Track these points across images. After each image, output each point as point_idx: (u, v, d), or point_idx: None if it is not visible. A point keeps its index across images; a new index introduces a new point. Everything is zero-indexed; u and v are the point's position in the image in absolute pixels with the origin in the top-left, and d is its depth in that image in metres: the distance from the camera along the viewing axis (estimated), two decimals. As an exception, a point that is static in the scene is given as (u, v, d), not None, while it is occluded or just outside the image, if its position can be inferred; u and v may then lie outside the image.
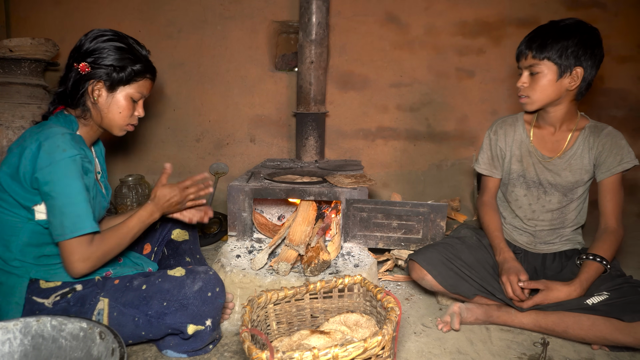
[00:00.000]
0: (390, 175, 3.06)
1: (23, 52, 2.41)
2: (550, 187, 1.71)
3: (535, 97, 1.61)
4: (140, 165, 3.03)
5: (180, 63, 2.94)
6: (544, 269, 1.74)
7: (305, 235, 1.78)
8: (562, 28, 1.55)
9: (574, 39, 1.53)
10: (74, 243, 1.21)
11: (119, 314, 1.27)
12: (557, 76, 1.56)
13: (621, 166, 1.59)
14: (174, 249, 1.69)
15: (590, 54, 1.54)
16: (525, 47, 1.60)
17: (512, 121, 1.79)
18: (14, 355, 1.06)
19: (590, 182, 1.70)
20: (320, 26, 2.58)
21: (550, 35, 1.55)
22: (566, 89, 1.58)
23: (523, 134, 1.76)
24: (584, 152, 1.65)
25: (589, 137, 1.65)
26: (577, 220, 1.74)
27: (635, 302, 1.41)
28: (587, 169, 1.66)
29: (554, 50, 1.53)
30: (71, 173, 1.20)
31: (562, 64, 1.54)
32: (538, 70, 1.57)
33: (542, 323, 1.55)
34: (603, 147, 1.62)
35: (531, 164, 1.73)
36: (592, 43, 1.54)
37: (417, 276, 1.69)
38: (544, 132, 1.72)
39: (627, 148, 1.61)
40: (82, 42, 1.35)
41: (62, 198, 1.20)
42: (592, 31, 1.56)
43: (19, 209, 1.25)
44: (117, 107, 1.38)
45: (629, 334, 1.38)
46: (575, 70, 1.54)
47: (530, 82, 1.61)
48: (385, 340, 1.03)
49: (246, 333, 1.06)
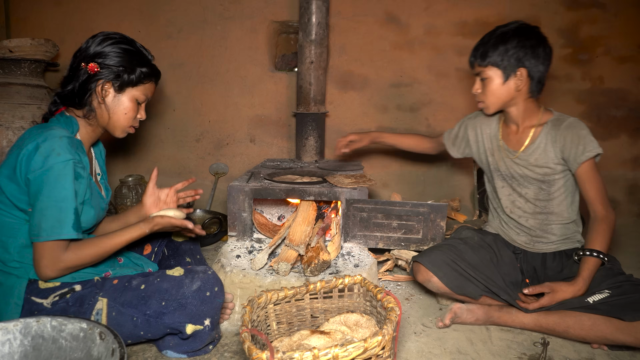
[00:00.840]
0: (390, 175, 3.06)
1: (23, 52, 2.41)
2: (522, 179, 1.76)
3: (489, 102, 1.71)
4: (140, 166, 3.03)
5: (180, 63, 2.94)
6: (544, 269, 1.74)
7: (305, 236, 1.78)
8: (501, 34, 1.63)
9: (513, 42, 1.60)
10: (47, 246, 1.20)
11: (117, 314, 1.27)
12: (503, 79, 1.65)
13: (585, 155, 1.60)
14: (174, 249, 1.69)
15: (531, 54, 1.60)
16: (472, 56, 1.71)
17: (490, 116, 1.87)
18: (14, 356, 1.05)
19: (570, 175, 1.70)
20: (320, 26, 2.57)
21: (491, 43, 1.64)
22: (515, 89, 1.66)
23: (495, 129, 1.84)
24: (548, 146, 1.68)
25: (551, 131, 1.68)
26: (567, 215, 1.73)
27: (636, 302, 1.41)
28: (555, 161, 1.68)
29: (495, 56, 1.63)
30: (62, 177, 1.20)
31: (505, 67, 1.63)
32: (486, 76, 1.67)
33: (542, 323, 1.55)
34: (565, 140, 1.64)
35: (501, 158, 1.80)
36: (532, 43, 1.61)
37: (423, 278, 1.69)
38: (510, 130, 1.80)
39: (588, 137, 1.62)
40: (90, 44, 1.36)
41: (47, 200, 1.19)
42: (531, 31, 1.63)
43: (16, 211, 1.26)
44: (123, 108, 1.40)
45: (629, 333, 1.38)
46: (519, 71, 1.62)
47: (482, 88, 1.71)
48: (385, 340, 1.03)
49: (246, 333, 1.06)
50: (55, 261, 1.21)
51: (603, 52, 2.91)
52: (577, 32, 2.89)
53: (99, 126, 1.42)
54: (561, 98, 2.95)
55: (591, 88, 2.96)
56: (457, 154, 2.03)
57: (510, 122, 1.78)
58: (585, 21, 2.88)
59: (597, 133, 2.89)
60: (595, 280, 1.55)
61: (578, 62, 2.93)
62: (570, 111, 2.94)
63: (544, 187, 1.72)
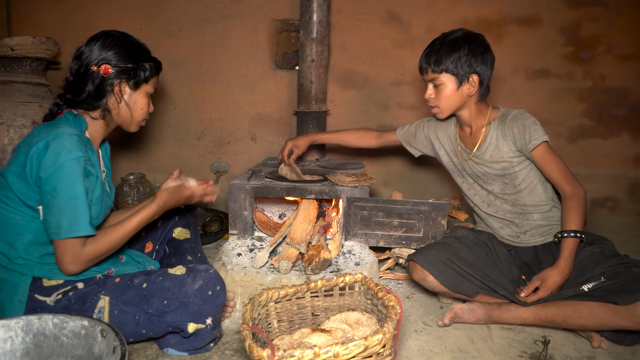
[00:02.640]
0: (391, 173, 3.06)
1: (24, 50, 2.41)
2: (485, 177, 1.80)
3: (443, 107, 1.75)
4: (141, 164, 3.03)
5: (181, 61, 2.94)
6: (538, 263, 1.75)
7: (306, 234, 1.78)
8: (452, 41, 1.67)
9: (464, 49, 1.65)
10: (67, 243, 1.22)
11: (119, 312, 1.28)
12: (457, 85, 1.69)
13: (532, 144, 1.64)
14: (175, 247, 1.70)
15: (481, 60, 1.67)
16: (424, 63, 1.74)
17: (448, 120, 1.91)
18: (16, 353, 1.06)
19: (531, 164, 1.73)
20: (321, 24, 2.57)
21: (444, 49, 1.67)
22: (467, 95, 1.71)
23: (454, 133, 1.89)
24: (499, 141, 1.72)
25: (499, 126, 1.73)
26: (543, 202, 1.74)
27: (629, 284, 1.41)
28: (510, 154, 1.71)
29: (449, 62, 1.66)
30: (74, 174, 1.22)
31: (458, 73, 1.67)
32: (439, 83, 1.71)
33: (542, 316, 1.55)
34: (512, 132, 1.68)
35: (463, 159, 1.85)
36: (480, 50, 1.67)
37: (418, 277, 1.70)
38: (464, 132, 1.85)
39: (533, 126, 1.65)
40: (93, 46, 1.36)
41: (63, 198, 1.21)
42: (478, 38, 1.69)
43: (24, 208, 1.26)
44: (140, 104, 1.46)
45: (627, 317, 1.38)
46: (471, 77, 1.68)
47: (436, 94, 1.74)
48: (386, 339, 1.04)
49: (247, 331, 1.06)
50: (77, 256, 1.24)
51: (605, 50, 2.91)
52: (578, 30, 2.88)
53: (112, 124, 1.46)
54: (563, 96, 2.94)
55: (593, 86, 2.95)
56: (415, 153, 2.10)
57: (463, 124, 1.83)
58: (587, 19, 2.87)
59: (599, 131, 2.93)
60: (588, 267, 1.56)
61: (579, 60, 2.92)
62: (571, 110, 2.96)
63: (507, 181, 1.76)
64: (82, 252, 1.25)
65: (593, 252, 1.60)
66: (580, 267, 1.58)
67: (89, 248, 1.26)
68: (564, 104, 2.93)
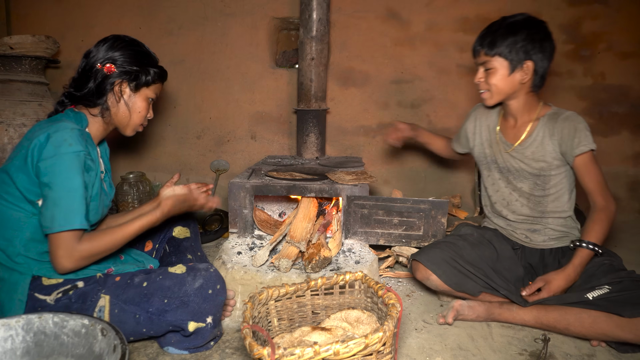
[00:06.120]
0: (391, 171, 3.06)
1: (24, 49, 2.41)
2: (517, 173, 1.75)
3: (492, 92, 1.68)
4: (141, 163, 3.03)
5: (181, 60, 2.93)
6: (543, 266, 1.74)
7: (306, 232, 1.78)
8: (510, 24, 1.61)
9: (522, 34, 1.58)
10: (61, 237, 1.21)
11: (120, 311, 1.28)
12: (509, 71, 1.62)
13: (579, 149, 1.60)
14: (175, 246, 1.70)
15: (539, 48, 1.59)
16: (478, 45, 1.67)
17: (492, 109, 1.86)
18: (16, 352, 1.06)
19: (568, 170, 1.70)
20: (321, 23, 2.57)
21: (500, 32, 1.61)
22: (519, 82, 1.64)
23: (495, 121, 1.84)
24: (545, 139, 1.68)
25: (548, 124, 1.68)
26: (563, 210, 1.72)
27: (636, 297, 1.41)
28: (553, 155, 1.67)
29: (503, 47, 1.60)
30: (73, 167, 1.22)
31: (512, 59, 1.60)
32: (491, 67, 1.64)
33: (543, 320, 1.55)
34: (562, 133, 1.64)
35: (498, 151, 1.80)
36: (540, 37, 1.60)
37: (421, 276, 1.70)
38: (508, 123, 1.79)
39: (584, 132, 1.61)
40: (101, 47, 1.40)
41: (59, 190, 1.21)
42: (540, 25, 1.62)
43: (24, 203, 1.26)
44: (138, 107, 1.46)
45: (629, 330, 1.38)
46: (525, 64, 1.60)
47: (486, 78, 1.68)
48: (386, 337, 1.04)
49: (247, 329, 1.06)
50: (71, 251, 1.22)
51: (605, 48, 2.90)
52: (578, 28, 2.88)
53: (111, 124, 1.46)
54: (563, 94, 2.94)
55: (593, 84, 2.95)
56: (459, 149, 2.04)
57: (508, 115, 1.77)
58: (587, 17, 2.87)
59: (599, 129, 2.93)
60: (595, 276, 1.55)
61: (580, 58, 2.92)
62: (571, 107, 2.91)
63: (539, 182, 1.72)
64: (77, 247, 1.23)
65: (602, 263, 1.59)
66: (587, 275, 1.57)
67: (85, 245, 1.25)
68: (564, 101, 2.92)
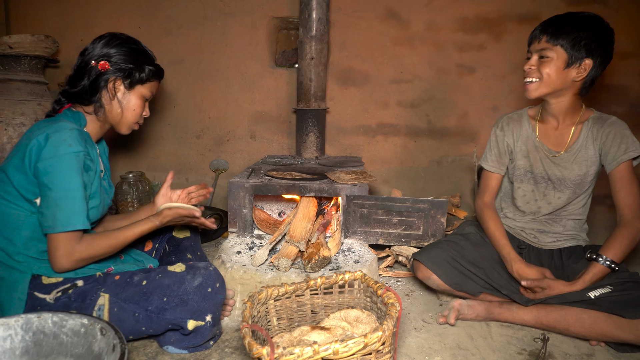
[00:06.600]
0: (391, 171, 3.06)
1: (23, 48, 2.41)
2: (559, 182, 1.69)
3: (542, 82, 1.60)
4: (140, 162, 3.03)
5: (180, 59, 2.93)
6: (547, 266, 1.73)
7: (305, 232, 1.78)
8: (580, 19, 1.56)
9: (589, 32, 1.53)
10: (62, 237, 1.22)
11: (119, 310, 1.28)
12: (565, 65, 1.56)
13: (627, 155, 1.56)
14: (175, 245, 1.70)
15: (602, 51, 1.55)
16: (541, 31, 1.60)
17: (517, 117, 1.80)
18: (16, 351, 1.06)
19: (597, 176, 1.69)
20: (321, 22, 2.57)
21: (567, 23, 1.56)
22: (572, 79, 1.58)
23: (529, 129, 1.76)
24: (589, 144, 1.64)
25: (593, 128, 1.64)
26: (581, 213, 1.73)
27: (638, 298, 1.41)
28: (593, 160, 1.64)
29: (568, 39, 1.54)
30: (73, 168, 1.22)
31: (573, 53, 1.54)
32: (548, 55, 1.57)
33: (543, 320, 1.55)
34: (607, 137, 1.60)
35: (538, 159, 1.72)
36: (605, 40, 1.56)
37: (422, 276, 1.70)
38: (548, 126, 1.72)
39: (631, 137, 1.59)
40: (97, 44, 1.39)
41: (60, 191, 1.21)
42: (607, 29, 1.57)
43: (22, 202, 1.26)
44: (132, 105, 1.45)
45: (630, 331, 1.38)
46: (584, 61, 1.55)
47: (538, 66, 1.60)
48: (385, 336, 1.04)
49: (247, 329, 1.06)
50: (70, 252, 1.23)
51: (604, 48, 2.90)
52: (578, 28, 2.88)
53: (106, 123, 1.46)
54: (562, 94, 2.94)
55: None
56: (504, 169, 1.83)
57: (549, 116, 1.70)
58: (587, 17, 2.87)
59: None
60: None
61: (579, 58, 2.91)
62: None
63: (578, 190, 1.68)
64: (77, 248, 1.24)
65: None
66: None
67: (84, 246, 1.26)
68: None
